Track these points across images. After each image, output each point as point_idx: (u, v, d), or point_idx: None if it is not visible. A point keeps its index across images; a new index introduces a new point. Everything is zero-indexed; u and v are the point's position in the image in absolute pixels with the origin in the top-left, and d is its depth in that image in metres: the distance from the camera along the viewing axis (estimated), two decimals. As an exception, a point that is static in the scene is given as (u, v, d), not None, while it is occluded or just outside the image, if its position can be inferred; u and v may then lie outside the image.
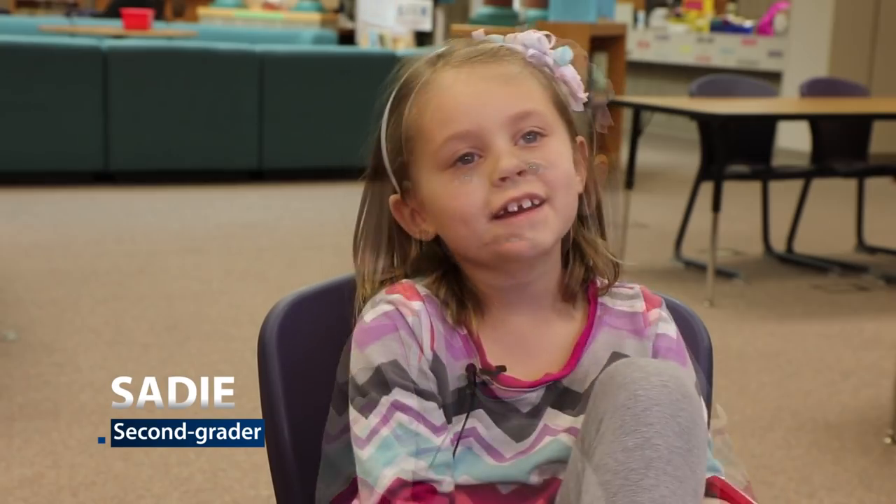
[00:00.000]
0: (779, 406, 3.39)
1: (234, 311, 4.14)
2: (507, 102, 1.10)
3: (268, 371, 1.24)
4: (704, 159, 4.97)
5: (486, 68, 1.12)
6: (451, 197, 1.10)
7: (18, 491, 2.62)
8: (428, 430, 1.07)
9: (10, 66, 6.47)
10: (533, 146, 1.10)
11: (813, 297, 4.75)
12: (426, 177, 1.12)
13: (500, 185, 1.08)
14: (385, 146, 1.17)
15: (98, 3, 13.12)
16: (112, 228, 5.50)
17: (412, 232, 1.17)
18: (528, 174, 1.09)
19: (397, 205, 1.18)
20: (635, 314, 1.17)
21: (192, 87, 6.82)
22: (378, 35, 8.92)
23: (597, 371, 1.13)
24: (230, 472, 2.77)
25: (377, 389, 1.08)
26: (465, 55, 1.13)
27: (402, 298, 1.12)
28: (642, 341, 1.15)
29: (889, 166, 5.57)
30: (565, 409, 1.12)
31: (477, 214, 1.09)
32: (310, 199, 6.54)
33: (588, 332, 1.15)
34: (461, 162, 1.10)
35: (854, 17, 8.65)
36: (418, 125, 1.12)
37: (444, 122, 1.10)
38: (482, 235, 1.10)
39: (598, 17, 7.22)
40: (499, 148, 1.09)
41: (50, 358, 3.53)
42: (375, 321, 1.12)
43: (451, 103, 1.10)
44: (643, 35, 10.58)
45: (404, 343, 1.10)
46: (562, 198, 1.11)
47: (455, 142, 1.09)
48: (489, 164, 1.09)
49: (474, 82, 1.11)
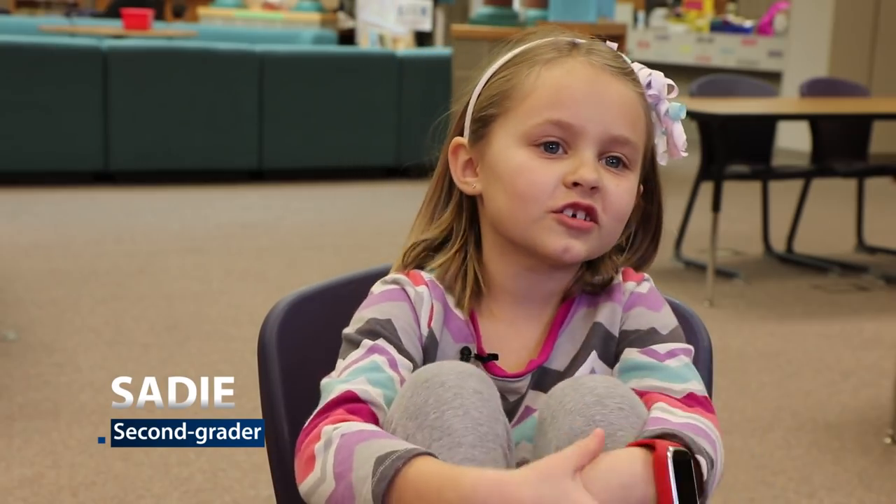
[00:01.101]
0: (779, 406, 3.39)
1: (234, 311, 4.14)
2: (615, 121, 1.12)
3: (268, 371, 1.24)
4: (704, 159, 4.97)
5: (614, 80, 1.14)
6: (525, 171, 1.12)
7: (18, 491, 2.62)
8: (398, 378, 1.10)
9: (10, 66, 6.47)
10: (612, 172, 1.13)
11: (813, 297, 4.75)
12: (507, 141, 1.14)
13: (571, 188, 1.11)
14: (479, 90, 1.18)
15: (98, 3, 13.12)
16: (112, 228, 5.51)
17: (457, 179, 1.19)
18: (597, 193, 1.12)
19: (456, 148, 1.20)
20: (613, 286, 1.19)
21: (192, 87, 6.82)
22: (378, 35, 8.92)
23: (575, 348, 1.16)
24: (230, 472, 2.77)
25: (364, 335, 1.12)
26: (601, 57, 1.15)
27: (408, 280, 1.16)
28: (615, 305, 1.17)
29: (889, 166, 5.57)
30: (544, 389, 1.14)
31: (539, 200, 1.11)
32: (310, 199, 6.54)
33: (565, 313, 1.18)
34: (545, 147, 1.12)
35: (854, 17, 8.65)
36: (528, 92, 1.13)
37: (553, 103, 1.12)
38: (532, 218, 1.12)
39: (598, 17, 7.23)
40: (585, 156, 1.11)
41: (50, 358, 3.53)
42: (381, 294, 1.16)
43: (569, 91, 1.12)
44: (643, 35, 10.58)
45: (403, 311, 1.14)
46: (611, 228, 1.14)
47: (553, 126, 1.12)
48: (570, 164, 1.11)
49: (599, 85, 1.13)
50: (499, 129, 1.15)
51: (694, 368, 1.14)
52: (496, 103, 1.15)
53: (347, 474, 0.98)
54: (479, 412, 1.02)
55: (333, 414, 1.06)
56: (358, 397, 1.07)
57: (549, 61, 1.14)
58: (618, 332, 1.17)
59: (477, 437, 1.01)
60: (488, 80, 1.18)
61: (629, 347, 1.15)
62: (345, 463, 0.99)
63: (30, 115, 6.51)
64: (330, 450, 1.00)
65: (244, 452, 2.88)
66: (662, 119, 1.18)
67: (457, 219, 1.21)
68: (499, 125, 1.15)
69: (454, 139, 1.20)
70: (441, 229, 1.21)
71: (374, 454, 0.97)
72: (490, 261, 1.18)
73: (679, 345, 1.15)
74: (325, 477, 1.00)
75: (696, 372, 1.14)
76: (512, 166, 1.13)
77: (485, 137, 1.16)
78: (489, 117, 1.16)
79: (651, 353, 1.13)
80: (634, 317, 1.17)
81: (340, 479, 0.98)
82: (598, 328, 1.17)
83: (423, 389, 1.03)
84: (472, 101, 1.18)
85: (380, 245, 5.14)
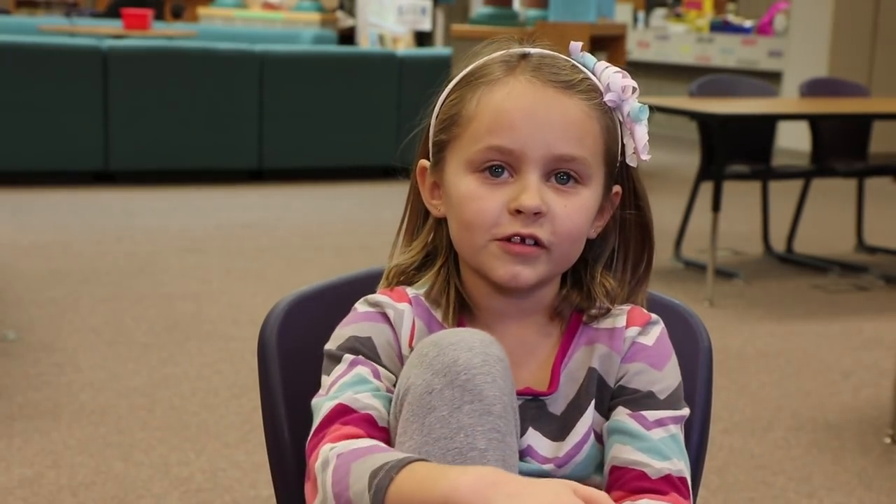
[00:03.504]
0: (779, 406, 3.39)
1: (234, 311, 4.14)
2: (557, 141, 1.10)
3: (268, 371, 1.24)
4: (704, 159, 4.97)
5: (557, 97, 1.11)
6: (471, 200, 1.11)
7: (18, 491, 2.62)
8: (384, 387, 1.10)
9: (10, 66, 6.47)
10: (562, 189, 1.11)
11: (813, 297, 4.75)
12: (456, 168, 1.13)
13: (514, 216, 1.10)
14: (437, 114, 1.17)
15: (98, 3, 13.13)
16: (112, 228, 5.50)
17: (427, 201, 1.19)
18: (543, 217, 1.10)
19: (423, 171, 1.19)
20: (615, 329, 1.17)
21: (192, 87, 6.82)
22: (378, 35, 8.92)
23: (573, 391, 1.14)
24: (230, 472, 2.77)
25: (346, 352, 1.12)
26: (544, 74, 1.12)
27: (389, 300, 1.15)
28: (612, 354, 1.15)
29: (889, 166, 5.57)
30: (547, 435, 1.13)
31: (484, 227, 1.10)
32: (310, 199, 6.54)
33: (565, 350, 1.16)
34: (490, 172, 1.11)
35: (854, 17, 8.65)
36: (471, 117, 1.12)
37: (493, 129, 1.10)
38: (479, 245, 1.11)
39: (598, 17, 7.23)
40: (529, 180, 1.09)
41: (50, 358, 3.53)
42: (362, 314, 1.15)
43: (507, 116, 1.10)
44: (643, 35, 10.59)
45: (382, 332, 1.13)
46: (563, 249, 1.12)
47: (494, 152, 1.10)
48: (514, 190, 1.10)
49: (539, 105, 1.10)
50: (451, 155, 1.14)
51: (681, 440, 1.12)
52: (446, 129, 1.14)
53: (345, 492, 0.99)
54: (504, 381, 1.02)
55: (330, 431, 1.06)
56: (350, 408, 1.07)
57: (492, 83, 1.12)
58: (614, 382, 1.14)
59: (503, 406, 1.01)
60: (443, 101, 1.16)
61: (622, 406, 1.13)
62: (342, 482, 0.99)
63: (30, 115, 6.51)
64: (328, 470, 1.01)
65: (244, 452, 2.88)
66: (625, 120, 1.15)
67: (437, 236, 1.20)
68: (450, 151, 1.14)
69: (420, 162, 1.19)
70: (417, 251, 1.20)
71: (368, 469, 0.98)
72: (466, 280, 1.18)
73: (671, 413, 1.12)
74: (327, 497, 1.01)
75: (681, 445, 1.12)
76: (461, 194, 1.12)
77: (440, 163, 1.16)
78: (442, 143, 1.15)
79: (639, 419, 1.11)
80: (634, 374, 1.14)
81: (339, 498, 0.99)
82: (594, 374, 1.15)
83: (451, 350, 1.02)
84: (432, 125, 1.18)
85: (380, 245, 5.12)
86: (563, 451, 1.11)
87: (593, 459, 1.13)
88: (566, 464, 1.11)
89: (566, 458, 1.11)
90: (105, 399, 3.20)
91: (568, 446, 1.12)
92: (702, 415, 1.27)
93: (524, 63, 1.13)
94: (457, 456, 0.99)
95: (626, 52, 7.86)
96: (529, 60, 1.13)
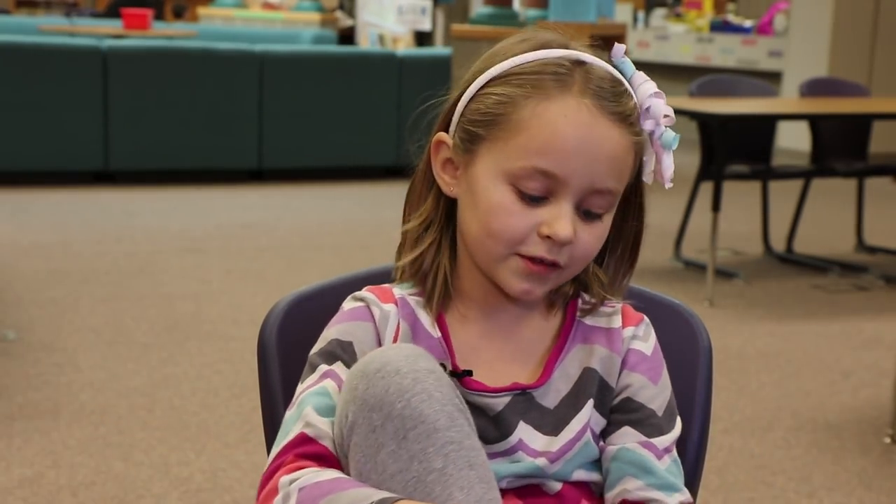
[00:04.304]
0: (779, 406, 3.39)
1: (234, 311, 4.14)
2: (602, 175, 1.09)
3: (268, 371, 1.24)
4: (704, 159, 4.97)
5: (609, 130, 1.09)
6: (501, 213, 1.09)
7: (18, 491, 2.62)
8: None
9: (10, 66, 6.47)
10: (587, 224, 1.11)
11: (813, 297, 4.75)
12: (490, 171, 1.10)
13: (543, 240, 1.09)
14: (470, 95, 1.13)
15: (98, 3, 13.13)
16: (112, 228, 5.50)
17: (437, 173, 1.16)
18: (567, 246, 1.10)
19: (439, 143, 1.15)
20: (611, 330, 1.17)
21: (192, 87, 6.82)
22: (378, 35, 8.92)
23: (567, 387, 1.14)
24: (230, 472, 2.77)
25: (322, 359, 1.11)
26: (600, 99, 1.09)
27: (376, 298, 1.15)
28: (612, 356, 1.16)
29: (889, 166, 5.57)
30: (539, 429, 1.12)
31: (508, 242, 1.10)
32: (310, 199, 6.54)
33: (561, 346, 1.16)
34: (529, 192, 1.09)
35: (854, 17, 8.65)
36: (521, 128, 1.09)
37: (544, 152, 1.07)
38: (499, 255, 1.11)
39: (598, 17, 7.22)
40: (564, 209, 1.08)
41: (50, 358, 3.53)
42: (348, 311, 1.15)
43: (561, 142, 1.07)
44: (643, 35, 10.58)
45: (366, 333, 1.13)
46: (575, 269, 1.13)
47: (538, 174, 1.08)
48: (548, 213, 1.09)
49: (593, 135, 1.08)
50: (486, 153, 1.11)
51: (679, 461, 1.15)
52: (487, 125, 1.10)
53: None
54: (440, 391, 1.01)
55: (287, 461, 1.05)
56: (309, 438, 1.06)
57: (548, 95, 1.08)
58: (615, 383, 1.15)
59: (447, 417, 1.00)
60: (484, 84, 1.12)
61: (630, 427, 1.13)
62: None
63: (30, 115, 6.51)
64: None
65: (244, 452, 2.88)
66: (654, 142, 1.13)
67: (434, 210, 1.17)
68: (486, 149, 1.11)
69: (439, 133, 1.15)
70: (422, 219, 1.18)
71: None
72: (461, 265, 1.17)
73: (672, 436, 1.14)
74: None
75: (680, 467, 1.14)
76: (492, 202, 1.09)
77: (470, 153, 1.12)
78: (478, 137, 1.11)
79: (650, 448, 1.12)
80: (636, 386, 1.15)
81: None
82: (593, 374, 1.15)
83: (379, 379, 1.00)
84: (464, 102, 1.13)
85: (380, 245, 5.14)
86: (556, 447, 1.11)
87: (586, 457, 1.13)
88: (558, 459, 1.11)
89: (559, 454, 1.11)
90: (105, 399, 3.20)
91: (561, 442, 1.12)
92: (702, 415, 1.27)
93: (578, 74, 1.10)
94: (417, 484, 0.98)
95: (626, 52, 7.85)
96: (583, 72, 1.10)
